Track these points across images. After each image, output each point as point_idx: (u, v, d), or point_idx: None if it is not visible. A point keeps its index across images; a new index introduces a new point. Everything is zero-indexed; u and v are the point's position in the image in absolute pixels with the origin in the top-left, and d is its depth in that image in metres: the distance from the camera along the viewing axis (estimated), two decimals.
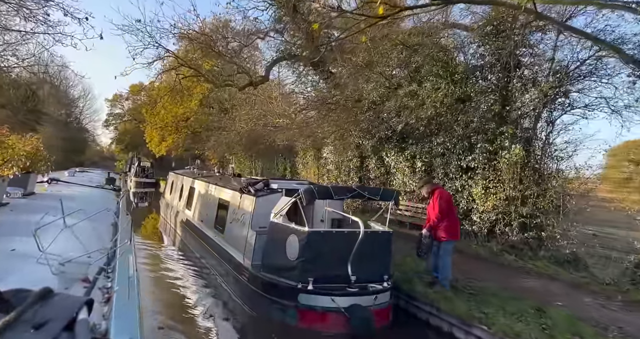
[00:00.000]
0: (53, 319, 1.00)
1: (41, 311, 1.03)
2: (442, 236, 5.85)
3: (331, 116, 13.99)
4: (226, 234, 7.58)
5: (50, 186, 7.14)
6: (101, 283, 2.40)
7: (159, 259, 10.32)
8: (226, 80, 18.38)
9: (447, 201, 5.96)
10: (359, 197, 5.04)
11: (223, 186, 8.59)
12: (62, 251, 2.36)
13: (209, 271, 8.26)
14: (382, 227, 5.26)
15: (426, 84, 10.51)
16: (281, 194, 6.56)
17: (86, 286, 2.25)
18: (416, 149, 12.20)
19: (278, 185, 6.71)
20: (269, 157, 29.25)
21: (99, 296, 2.22)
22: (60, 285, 2.07)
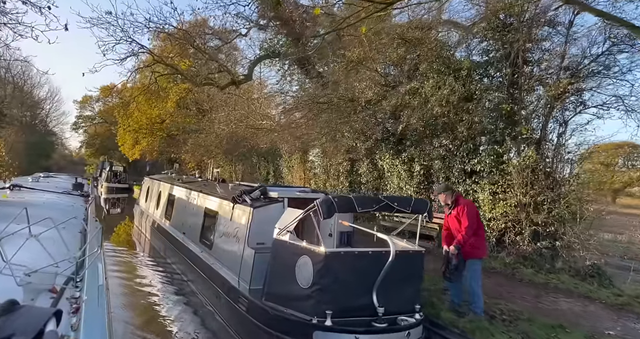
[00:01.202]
0: (19, 332, 0.99)
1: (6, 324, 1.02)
2: (470, 254, 4.96)
3: (322, 117, 13.13)
4: (215, 250, 6.53)
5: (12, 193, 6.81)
6: (69, 293, 2.33)
7: (132, 272, 9.14)
8: (206, 79, 17.24)
9: (475, 212, 5.15)
10: (386, 210, 4.16)
11: (209, 193, 7.53)
12: (28, 261, 2.25)
13: (192, 291, 7.18)
14: (411, 245, 4.38)
15: (428, 81, 9.79)
16: (282, 204, 5.61)
17: (53, 296, 2.17)
18: (414, 152, 11.48)
19: (278, 193, 5.74)
20: (251, 160, 28.13)
21: (67, 307, 2.15)
22: (26, 296, 2.01)
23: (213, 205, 7.13)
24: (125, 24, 14.69)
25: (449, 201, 5.32)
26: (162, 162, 41.59)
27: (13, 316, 1.07)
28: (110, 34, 14.47)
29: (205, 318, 6.20)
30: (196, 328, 5.92)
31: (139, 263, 10.35)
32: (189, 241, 7.86)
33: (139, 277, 9.10)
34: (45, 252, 2.46)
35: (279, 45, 18.87)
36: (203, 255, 6.89)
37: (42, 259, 2.36)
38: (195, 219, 7.89)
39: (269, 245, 5.54)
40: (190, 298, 7.11)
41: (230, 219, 6.16)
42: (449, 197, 5.31)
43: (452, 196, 5.35)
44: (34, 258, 2.35)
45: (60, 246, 2.88)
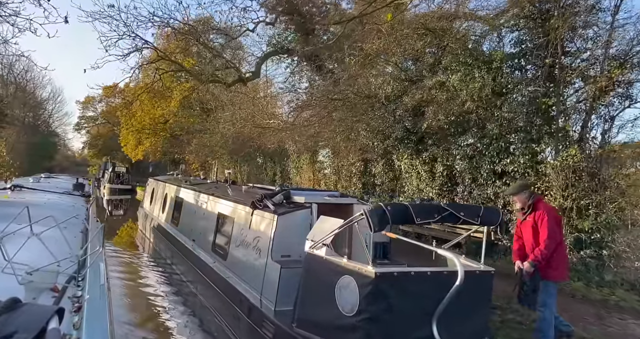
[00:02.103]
0: (22, 330, 0.99)
1: (9, 322, 1.02)
2: (545, 274, 4.05)
3: (335, 114, 12.40)
4: (230, 261, 5.81)
5: (13, 193, 6.83)
6: (71, 291, 2.34)
7: (135, 279, 8.46)
8: (212, 76, 16.56)
9: (558, 220, 4.33)
10: (449, 221, 3.41)
11: (223, 197, 6.79)
12: (29, 259, 2.23)
13: (203, 305, 6.46)
14: (474, 263, 3.62)
15: (455, 74, 9.04)
16: (309, 210, 4.88)
17: (55, 295, 2.19)
18: (437, 151, 10.74)
19: (305, 198, 5.01)
20: (256, 161, 27.45)
21: (69, 306, 2.14)
22: (27, 295, 2.03)
23: (227, 210, 6.40)
24: (129, 18, 13.99)
25: (524, 204, 4.28)
26: (166, 163, 41.02)
27: (15, 314, 1.07)
28: (113, 29, 13.78)
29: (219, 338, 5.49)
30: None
31: (143, 269, 9.64)
32: (199, 250, 7.14)
33: (143, 285, 8.41)
34: (47, 251, 2.44)
35: (288, 41, 18.19)
36: (216, 266, 6.16)
37: (43, 258, 2.33)
38: (207, 225, 7.17)
39: (296, 258, 4.83)
40: (201, 314, 6.41)
41: (248, 226, 5.43)
42: (525, 199, 4.26)
43: (529, 198, 4.31)
44: (35, 257, 2.32)
45: (61, 245, 2.87)
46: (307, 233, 4.85)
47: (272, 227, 4.81)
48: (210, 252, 6.64)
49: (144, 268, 9.80)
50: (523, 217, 4.27)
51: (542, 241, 4.01)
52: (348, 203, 5.25)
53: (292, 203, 5.15)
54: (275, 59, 19.11)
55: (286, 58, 18.88)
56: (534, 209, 4.20)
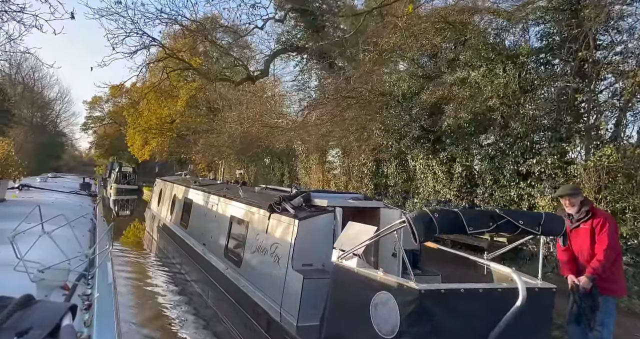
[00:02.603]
0: (36, 326, 1.00)
1: (23, 319, 1.03)
2: (603, 288, 3.57)
3: (348, 113, 11.99)
4: (245, 269, 5.41)
5: (21, 193, 6.87)
6: (80, 289, 2.37)
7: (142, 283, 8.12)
8: (221, 74, 16.23)
9: (617, 229, 3.85)
10: (506, 230, 2.96)
11: (236, 199, 6.40)
12: (41, 258, 2.25)
13: (215, 314, 6.07)
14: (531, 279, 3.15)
15: (477, 70, 8.58)
16: (333, 214, 4.47)
17: (65, 293, 2.22)
18: (456, 151, 10.27)
19: (328, 201, 4.59)
20: (263, 161, 27.12)
21: (79, 303, 2.17)
22: (39, 292, 2.03)
23: (241, 213, 6.01)
24: (136, 15, 13.71)
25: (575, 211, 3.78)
26: (172, 164, 40.85)
27: (30, 311, 1.08)
28: (120, 26, 13.53)
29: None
30: None
31: (151, 271, 9.29)
32: (210, 255, 6.75)
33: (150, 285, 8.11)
34: (58, 249, 2.46)
35: (297, 38, 17.82)
36: (229, 273, 5.77)
37: (54, 257, 2.35)
38: (218, 229, 6.78)
39: (318, 266, 4.43)
40: (212, 322, 6.02)
41: (265, 231, 5.03)
42: (578, 203, 3.78)
43: (580, 203, 3.82)
44: (46, 255, 2.34)
45: (71, 244, 2.89)
46: (330, 239, 4.45)
47: (292, 233, 4.40)
48: (222, 258, 6.25)
49: (151, 269, 9.45)
50: (575, 224, 3.78)
51: (601, 251, 3.53)
52: (374, 207, 4.83)
53: (313, 207, 4.74)
54: (284, 57, 18.76)
55: (295, 56, 18.51)
56: (592, 216, 3.70)
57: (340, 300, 3.41)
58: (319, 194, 5.08)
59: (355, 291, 3.27)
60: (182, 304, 6.93)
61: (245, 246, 5.54)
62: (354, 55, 11.32)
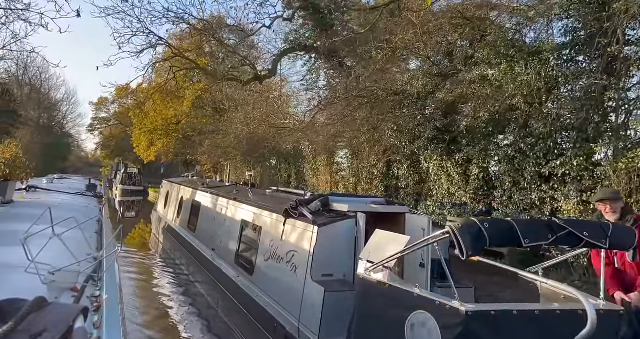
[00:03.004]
0: (50, 329, 1.02)
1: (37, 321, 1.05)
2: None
3: (359, 113, 11.64)
4: (258, 277, 5.08)
5: (28, 194, 6.86)
6: (89, 291, 2.39)
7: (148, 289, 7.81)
8: (228, 73, 15.94)
9: None
10: (569, 243, 2.58)
11: (247, 202, 6.07)
12: (51, 260, 2.26)
13: (227, 325, 5.74)
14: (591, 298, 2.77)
15: (496, 67, 8.20)
16: (354, 220, 4.12)
17: (75, 295, 2.24)
18: (473, 152, 9.88)
19: (348, 205, 4.25)
20: (270, 163, 26.86)
21: (89, 305, 2.17)
22: (50, 294, 2.03)
23: (253, 218, 5.68)
24: (143, 14, 13.49)
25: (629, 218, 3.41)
26: (177, 165, 40.70)
27: (43, 313, 1.09)
28: (127, 26, 13.35)
29: None
30: None
31: (157, 274, 8.98)
32: (220, 261, 6.43)
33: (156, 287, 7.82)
34: (68, 251, 2.51)
35: (305, 37, 17.51)
36: (241, 281, 5.44)
37: (64, 259, 2.39)
38: (229, 233, 6.46)
39: (339, 277, 4.09)
40: (223, 333, 5.69)
41: (280, 237, 4.69)
42: (619, 209, 3.46)
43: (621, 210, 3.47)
44: (56, 257, 2.38)
45: (80, 245, 2.92)
46: (352, 247, 4.11)
47: (311, 240, 4.06)
48: (233, 265, 5.93)
49: (158, 273, 9.14)
50: None
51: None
52: (399, 212, 4.47)
53: (332, 212, 4.40)
54: (292, 56, 18.46)
55: (303, 55, 18.21)
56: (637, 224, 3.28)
57: (369, 317, 3.06)
58: (337, 198, 4.74)
59: (387, 308, 2.92)
60: (192, 314, 6.60)
61: (258, 253, 5.21)
62: (366, 53, 10.97)
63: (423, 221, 4.15)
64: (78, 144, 62.65)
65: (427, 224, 4.06)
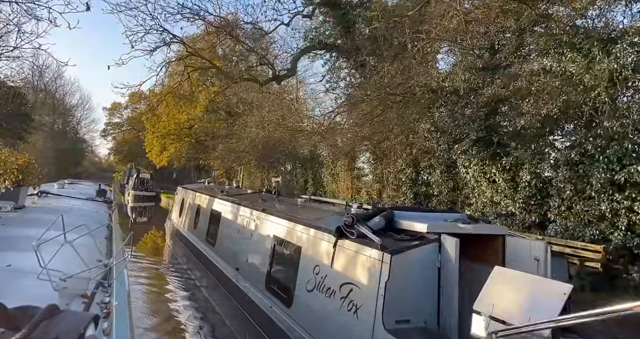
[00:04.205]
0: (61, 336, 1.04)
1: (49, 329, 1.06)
2: None
3: (390, 113, 10.60)
4: (297, 311, 4.05)
5: (40, 199, 6.92)
6: (99, 297, 2.40)
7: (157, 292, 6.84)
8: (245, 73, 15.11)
9: None
10: None
11: (281, 215, 5.05)
12: (62, 266, 2.29)
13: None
14: None
15: (565, 56, 7.07)
16: (437, 245, 3.08)
17: (85, 301, 2.26)
18: (525, 156, 8.74)
19: (427, 225, 3.20)
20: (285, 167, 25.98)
21: (98, 312, 2.22)
22: (61, 301, 2.06)
23: (289, 234, 4.66)
24: (156, 10, 12.76)
25: None
26: (189, 170, 40.18)
27: (55, 320, 1.09)
28: (140, 23, 12.64)
29: None
30: None
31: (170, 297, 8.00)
32: (246, 283, 5.42)
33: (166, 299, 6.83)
34: (78, 257, 2.51)
35: (326, 35, 16.61)
36: (274, 313, 4.41)
37: (75, 265, 2.39)
38: (257, 251, 5.45)
39: (418, 324, 3.03)
40: None
41: (330, 263, 3.66)
42: None
43: None
44: (67, 263, 2.37)
45: (91, 251, 2.95)
46: (434, 283, 3.06)
47: (380, 272, 3.02)
48: (263, 290, 4.90)
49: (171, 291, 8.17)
50: None
51: None
52: (495, 234, 3.40)
53: (402, 232, 3.35)
54: (311, 55, 17.54)
55: (323, 54, 17.29)
56: None
57: None
58: (405, 213, 3.69)
59: None
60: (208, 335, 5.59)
61: (298, 280, 4.18)
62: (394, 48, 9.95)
63: (536, 247, 3.07)
64: (92, 150, 62.98)
65: (543, 252, 2.98)
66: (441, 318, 2.94)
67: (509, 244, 3.25)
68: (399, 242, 3.13)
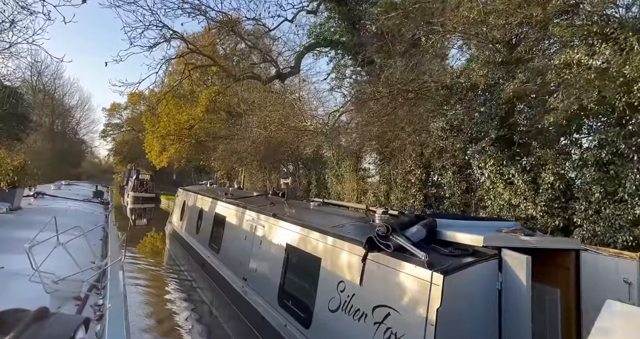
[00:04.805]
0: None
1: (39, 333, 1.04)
2: None
3: (401, 111, 10.07)
4: (318, 329, 3.50)
5: (36, 200, 6.93)
6: (93, 300, 2.34)
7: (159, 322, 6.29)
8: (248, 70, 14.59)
9: None
10: None
11: (294, 221, 4.51)
12: (55, 268, 2.26)
13: None
14: None
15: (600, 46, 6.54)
16: (497, 262, 2.54)
17: (78, 304, 2.20)
18: (548, 155, 8.21)
19: (484, 238, 2.65)
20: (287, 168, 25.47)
21: (91, 314, 2.16)
22: (53, 303, 2.04)
23: (305, 243, 4.12)
24: (156, 4, 12.30)
25: None
26: (189, 171, 39.71)
27: (45, 324, 1.08)
28: (139, 19, 12.18)
29: None
30: None
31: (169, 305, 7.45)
32: (255, 296, 4.88)
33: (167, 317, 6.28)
34: (72, 260, 2.44)
35: (331, 32, 16.09)
36: (290, 334, 3.86)
37: (68, 267, 2.35)
38: (267, 261, 4.91)
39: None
40: None
41: (359, 281, 3.12)
42: None
43: None
44: (60, 266, 2.32)
45: (84, 254, 2.91)
46: (494, 309, 2.52)
47: (428, 296, 2.48)
48: (275, 306, 4.36)
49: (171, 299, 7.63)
50: None
51: None
52: (566, 249, 2.84)
53: (447, 244, 2.81)
54: (315, 52, 17.04)
55: (328, 51, 16.78)
56: None
57: None
58: (450, 221, 3.13)
59: None
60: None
61: (317, 297, 3.64)
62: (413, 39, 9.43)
63: (625, 266, 2.52)
64: (91, 151, 62.55)
65: (637, 272, 2.43)
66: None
67: (585, 261, 2.69)
68: (449, 258, 2.58)
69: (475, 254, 2.61)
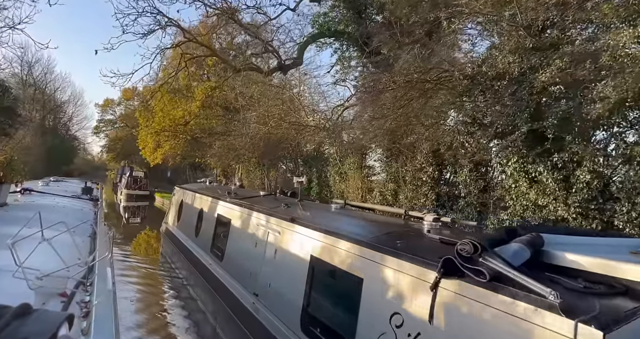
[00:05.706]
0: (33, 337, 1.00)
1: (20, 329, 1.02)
2: None
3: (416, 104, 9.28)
4: None
5: (23, 197, 6.73)
6: (79, 297, 2.34)
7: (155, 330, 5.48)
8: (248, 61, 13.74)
9: None
10: None
11: (321, 229, 3.68)
12: (40, 264, 2.19)
13: None
14: None
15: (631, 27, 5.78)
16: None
17: (64, 300, 2.19)
18: (586, 152, 7.45)
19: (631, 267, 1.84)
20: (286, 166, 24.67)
21: (77, 311, 2.15)
22: (37, 300, 2.03)
23: (339, 257, 3.29)
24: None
25: None
26: (184, 168, 38.81)
27: (26, 321, 1.06)
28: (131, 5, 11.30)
29: None
30: None
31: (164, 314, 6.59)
32: (270, 315, 4.05)
33: None
34: (57, 256, 2.41)
35: (335, 21, 15.26)
36: None
37: (53, 263, 2.30)
38: (286, 276, 4.08)
39: None
40: None
41: (429, 318, 2.29)
42: None
43: None
44: (45, 262, 2.26)
45: (71, 250, 2.83)
46: None
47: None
48: (299, 334, 3.54)
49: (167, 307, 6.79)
50: None
51: None
52: None
53: (562, 271, 1.99)
54: (319, 43, 16.19)
55: (332, 42, 15.95)
56: None
57: None
58: (559, 237, 2.29)
59: None
60: None
61: (359, 329, 2.82)
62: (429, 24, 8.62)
63: None
64: (84, 147, 61.29)
65: None
66: None
67: None
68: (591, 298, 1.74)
69: (625, 293, 1.77)
